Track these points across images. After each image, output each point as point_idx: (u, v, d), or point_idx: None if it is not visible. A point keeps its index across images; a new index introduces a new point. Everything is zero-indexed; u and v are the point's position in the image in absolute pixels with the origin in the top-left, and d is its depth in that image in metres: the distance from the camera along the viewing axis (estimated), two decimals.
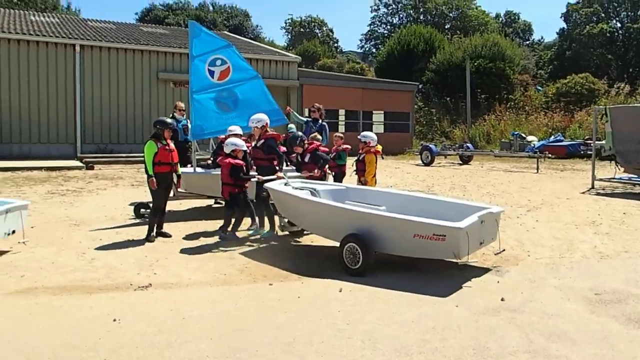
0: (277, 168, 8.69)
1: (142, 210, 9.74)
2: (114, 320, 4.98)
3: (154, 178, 8.16)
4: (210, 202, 11.37)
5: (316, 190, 8.09)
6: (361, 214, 6.82)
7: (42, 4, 46.61)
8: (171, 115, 11.87)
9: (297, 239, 8.40)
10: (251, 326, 4.89)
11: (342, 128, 28.16)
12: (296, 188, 8.02)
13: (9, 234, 7.19)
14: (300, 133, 9.63)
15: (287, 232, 8.54)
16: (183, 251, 7.59)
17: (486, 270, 6.74)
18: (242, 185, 8.32)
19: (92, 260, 7.08)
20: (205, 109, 10.21)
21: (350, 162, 9.94)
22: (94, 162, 18.98)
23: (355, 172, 9.47)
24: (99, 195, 12.59)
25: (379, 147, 9.39)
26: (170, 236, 8.43)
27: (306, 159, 9.17)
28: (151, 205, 8.54)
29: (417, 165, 22.55)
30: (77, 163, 19.00)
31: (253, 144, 8.92)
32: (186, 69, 22.47)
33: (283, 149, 11.89)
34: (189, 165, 10.66)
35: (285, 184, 8.07)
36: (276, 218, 8.57)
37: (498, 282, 6.27)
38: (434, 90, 39.37)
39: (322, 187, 8.30)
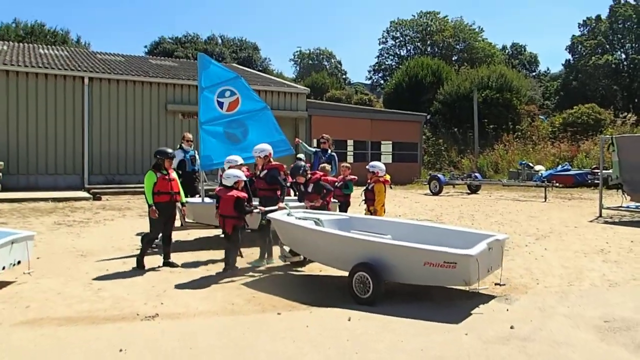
0: (280, 198, 8.72)
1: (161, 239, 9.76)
2: (120, 350, 4.98)
3: (154, 207, 8.27)
4: (218, 231, 11.40)
5: (320, 220, 8.11)
6: (371, 243, 6.84)
7: (51, 38, 47.62)
8: (179, 146, 12.02)
9: (300, 269, 8.40)
10: (261, 356, 4.87)
11: (350, 158, 28.32)
12: (299, 218, 8.05)
13: (14, 265, 7.23)
14: (302, 163, 9.66)
15: (288, 262, 8.53)
16: (190, 281, 7.60)
17: (495, 298, 6.70)
18: (244, 218, 8.21)
19: (99, 290, 7.10)
20: (214, 139, 10.33)
21: (359, 192, 9.99)
22: (101, 193, 19.13)
23: (364, 202, 9.52)
24: (106, 226, 12.66)
25: (388, 177, 9.47)
26: (177, 266, 8.46)
27: (309, 189, 9.20)
28: (148, 232, 8.60)
29: (425, 194, 22.55)
30: (85, 194, 19.14)
31: (257, 173, 8.96)
32: (194, 101, 22.99)
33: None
34: (197, 196, 10.73)
35: (288, 214, 8.12)
36: (275, 248, 8.60)
37: (507, 310, 6.23)
38: (441, 120, 39.64)
39: (325, 217, 8.33)
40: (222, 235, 8.24)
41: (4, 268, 6.91)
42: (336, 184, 9.96)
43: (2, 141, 20.39)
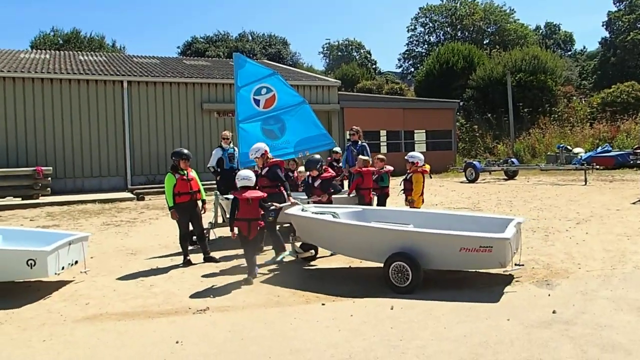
0: (285, 194, 8.76)
1: (194, 237, 10.07)
2: (177, 342, 5.25)
3: (174, 210, 8.57)
4: None
5: (336, 214, 8.19)
6: (407, 232, 6.98)
7: (88, 44, 48.82)
8: (218, 144, 12.33)
9: (312, 263, 8.49)
10: (307, 345, 5.07)
11: (384, 149, 28.31)
12: (315, 213, 8.13)
13: (72, 265, 7.62)
14: (318, 157, 9.58)
15: (299, 258, 8.60)
16: (234, 275, 7.83)
17: (537, 283, 6.75)
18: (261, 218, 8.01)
19: (151, 287, 7.42)
20: (251, 136, 10.54)
21: (397, 182, 10.08)
22: (144, 193, 19.66)
23: (402, 192, 9.61)
24: (151, 225, 13.07)
25: (427, 167, 9.52)
26: (218, 261, 8.73)
27: (316, 184, 9.28)
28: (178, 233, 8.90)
29: (461, 182, 22.43)
30: (128, 194, 19.71)
31: (258, 172, 8.89)
32: (229, 99, 23.32)
33: (331, 171, 12.20)
34: None
35: (302, 209, 8.20)
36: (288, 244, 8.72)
37: (549, 295, 6.28)
38: (475, 106, 39.15)
39: (340, 210, 8.43)
40: (240, 241, 7.75)
41: (63, 268, 7.29)
42: (373, 176, 10.08)
43: (50, 147, 21.15)
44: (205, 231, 9.26)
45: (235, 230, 7.58)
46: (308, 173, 9.69)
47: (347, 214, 8.34)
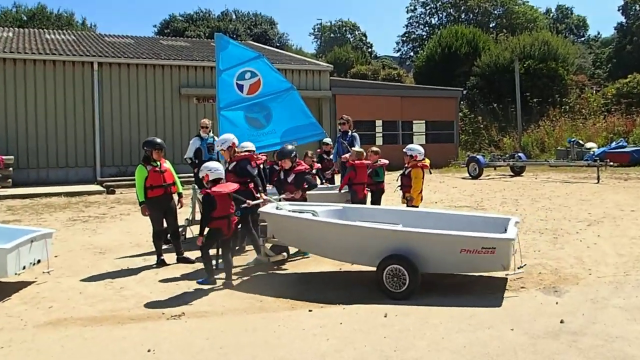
0: (256, 193, 8.61)
1: (169, 235, 10.03)
2: (149, 350, 5.23)
3: (145, 205, 8.51)
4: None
5: (315, 212, 8.10)
6: (402, 233, 6.99)
7: (56, 21, 48.40)
8: (197, 133, 12.29)
9: (283, 267, 8.41)
10: (293, 355, 5.07)
11: (379, 140, 28.37)
12: (293, 211, 8.01)
13: (34, 264, 7.56)
14: (291, 147, 9.29)
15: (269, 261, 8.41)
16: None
17: (544, 290, 6.79)
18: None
19: (121, 289, 7.39)
20: (234, 125, 10.52)
21: (393, 177, 10.08)
22: (115, 186, 19.57)
23: (399, 188, 9.62)
24: (122, 221, 13.01)
25: (427, 161, 9.53)
26: (194, 261, 8.69)
27: (289, 179, 9.04)
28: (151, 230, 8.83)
29: (463, 178, 22.52)
30: (98, 187, 19.61)
31: (227, 166, 8.76)
32: (210, 83, 23.25)
33: (318, 165, 12.22)
34: None
35: (277, 208, 8.09)
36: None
37: (557, 303, 6.32)
38: (479, 95, 39.30)
39: (319, 208, 8.35)
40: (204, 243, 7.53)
41: (24, 268, 7.24)
42: (368, 170, 10.09)
43: (12, 134, 20.97)
44: (180, 229, 9.21)
45: (207, 232, 7.45)
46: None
47: (326, 212, 8.31)
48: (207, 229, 7.46)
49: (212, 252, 7.74)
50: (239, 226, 8.34)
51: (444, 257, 6.69)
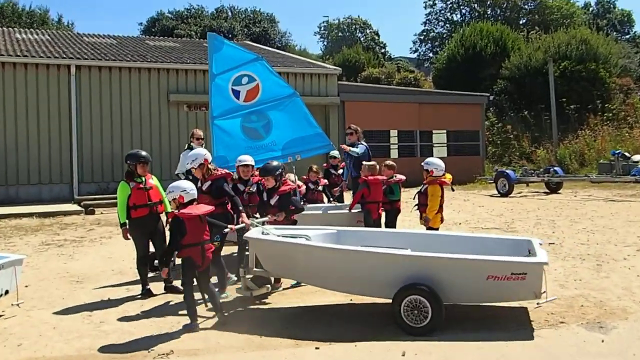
0: (237, 214, 8.47)
1: (156, 261, 9.99)
2: None
3: (126, 227, 8.51)
4: (234, 248, 11.59)
5: (308, 237, 8.02)
6: (422, 258, 6.93)
7: (28, 19, 48.86)
8: (187, 145, 12.31)
9: (265, 301, 8.28)
10: None
11: (394, 153, 28.39)
12: (282, 236, 7.84)
13: (1, 295, 7.54)
14: (276, 163, 9.07)
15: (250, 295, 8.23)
16: (206, 310, 7.74)
17: (587, 325, 6.72)
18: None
19: (101, 323, 7.36)
20: (229, 136, 10.57)
21: (410, 195, 10.05)
22: (95, 205, 19.60)
23: (416, 208, 9.60)
24: (103, 245, 13.01)
25: (448, 177, 9.52)
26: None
27: (272, 201, 8.86)
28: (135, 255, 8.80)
29: (491, 196, 22.47)
30: (75, 207, 19.65)
31: (200, 186, 8.58)
32: (202, 89, 23.36)
33: (324, 181, 12.23)
34: None
35: (263, 232, 7.91)
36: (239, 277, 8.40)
37: (602, 341, 6.25)
38: (508, 101, 39.34)
39: (311, 232, 8.25)
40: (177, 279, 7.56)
41: None
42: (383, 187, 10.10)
43: None
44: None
45: (179, 260, 7.27)
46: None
47: (320, 236, 8.22)
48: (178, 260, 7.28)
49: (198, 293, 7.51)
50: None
51: (469, 285, 6.67)
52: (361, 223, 10.20)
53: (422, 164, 9.64)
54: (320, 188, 12.10)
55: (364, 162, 10.60)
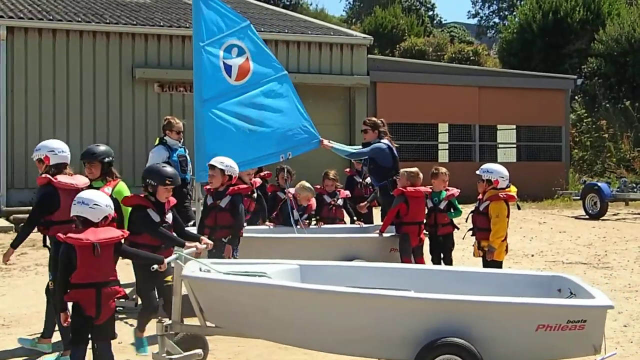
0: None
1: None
2: None
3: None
4: None
5: (265, 274, 7.66)
6: (454, 304, 6.94)
7: None
8: (160, 138, 12.27)
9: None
10: None
11: (443, 155, 28.40)
12: (230, 273, 7.56)
13: None
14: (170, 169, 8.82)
15: None
16: None
17: None
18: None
19: None
20: (223, 128, 10.65)
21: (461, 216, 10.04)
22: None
23: (471, 234, 9.60)
24: (38, 275, 12.95)
25: (513, 190, 9.51)
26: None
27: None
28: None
29: (577, 217, 22.35)
30: (1, 222, 19.70)
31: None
32: (180, 62, 23.39)
33: (346, 193, 12.24)
34: (191, 224, 10.95)
35: (202, 269, 7.62)
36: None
37: None
38: (603, 87, 39.09)
39: (267, 267, 7.96)
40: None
41: None
42: (440, 204, 10.15)
43: None
44: (129, 290, 9.26)
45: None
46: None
47: (280, 273, 7.93)
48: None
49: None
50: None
51: (515, 339, 6.74)
52: (395, 252, 10.22)
53: (479, 171, 9.60)
54: (339, 202, 12.09)
55: (402, 170, 10.61)
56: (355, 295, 7.09)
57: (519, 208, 10.43)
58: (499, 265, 9.32)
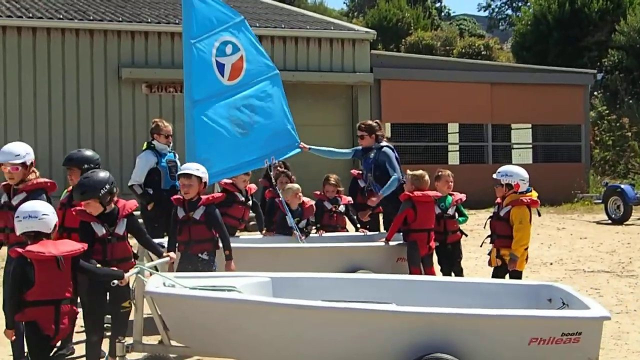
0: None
1: None
2: None
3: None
4: None
5: (234, 288, 7.60)
6: (443, 317, 6.90)
7: None
8: (148, 142, 12.28)
9: None
10: None
11: (454, 157, 28.41)
12: (196, 288, 7.46)
13: None
14: (104, 174, 8.21)
15: None
16: None
17: None
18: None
19: None
20: (215, 131, 10.67)
21: (476, 222, 10.04)
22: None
23: (489, 241, 9.64)
24: None
25: (534, 194, 9.51)
26: None
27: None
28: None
29: (598, 223, 22.35)
30: None
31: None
32: (170, 61, 23.43)
33: (348, 199, 12.24)
34: None
35: (167, 284, 7.46)
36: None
37: None
38: (625, 82, 39.06)
39: (236, 281, 7.91)
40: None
41: None
42: (449, 210, 10.18)
43: None
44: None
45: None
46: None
47: (250, 286, 7.87)
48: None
49: None
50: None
51: (506, 354, 6.74)
52: (403, 262, 10.22)
53: (497, 175, 9.56)
54: (341, 208, 12.08)
55: (407, 172, 10.60)
56: (332, 310, 7.04)
57: (539, 214, 10.29)
58: (519, 275, 9.32)
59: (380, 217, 12.69)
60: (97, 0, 27.45)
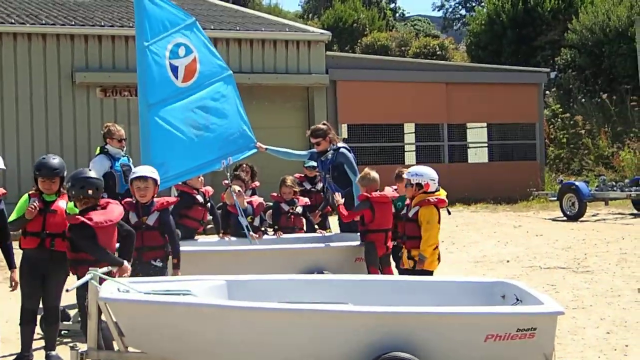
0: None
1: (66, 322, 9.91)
2: None
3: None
4: None
5: (189, 292, 7.60)
6: (397, 316, 6.91)
7: None
8: (101, 147, 12.19)
9: None
10: None
11: (410, 157, 28.49)
12: (151, 292, 7.44)
13: None
14: (94, 173, 8.94)
15: None
16: None
17: None
18: None
19: None
20: (170, 134, 10.65)
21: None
22: None
23: (399, 242, 9.76)
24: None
25: (443, 193, 9.52)
26: None
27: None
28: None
29: (554, 220, 22.50)
30: None
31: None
32: (124, 64, 23.31)
33: (305, 200, 12.25)
34: None
35: (120, 290, 7.34)
36: None
37: None
38: (578, 80, 39.35)
39: (191, 284, 7.86)
40: None
41: None
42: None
43: None
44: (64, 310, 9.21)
45: None
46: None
47: (206, 290, 7.83)
48: None
49: None
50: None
51: (463, 351, 6.77)
52: (361, 262, 10.22)
53: (407, 175, 9.56)
54: (299, 210, 12.06)
55: (363, 172, 10.60)
56: (287, 311, 7.02)
57: (449, 213, 10.25)
58: (429, 275, 9.31)
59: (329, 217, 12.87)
60: (50, 3, 27.30)
